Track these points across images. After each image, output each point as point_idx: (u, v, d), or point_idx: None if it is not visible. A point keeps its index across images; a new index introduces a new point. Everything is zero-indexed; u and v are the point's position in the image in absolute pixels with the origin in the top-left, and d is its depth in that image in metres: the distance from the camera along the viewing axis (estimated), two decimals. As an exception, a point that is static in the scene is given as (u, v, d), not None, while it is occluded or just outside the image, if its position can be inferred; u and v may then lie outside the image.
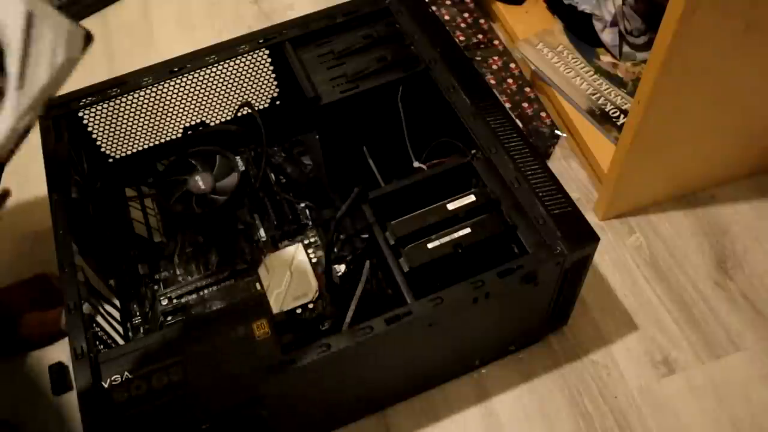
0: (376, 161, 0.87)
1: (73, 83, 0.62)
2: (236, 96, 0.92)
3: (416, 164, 0.84)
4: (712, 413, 0.79)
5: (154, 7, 1.32)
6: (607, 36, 1.05)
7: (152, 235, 0.91)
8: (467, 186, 0.76)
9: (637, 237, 0.94)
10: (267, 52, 0.88)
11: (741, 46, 0.75)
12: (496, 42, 1.13)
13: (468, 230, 0.71)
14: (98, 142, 0.88)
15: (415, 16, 0.86)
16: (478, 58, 1.10)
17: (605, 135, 0.99)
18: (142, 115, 0.88)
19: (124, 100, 0.85)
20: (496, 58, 1.11)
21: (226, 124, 0.94)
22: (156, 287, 0.86)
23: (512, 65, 1.10)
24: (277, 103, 0.95)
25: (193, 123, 0.92)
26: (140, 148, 0.92)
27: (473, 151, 0.76)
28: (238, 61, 0.87)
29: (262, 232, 0.90)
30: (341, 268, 0.83)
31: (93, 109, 0.84)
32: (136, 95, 0.85)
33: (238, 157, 0.94)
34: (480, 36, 1.14)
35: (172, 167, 0.89)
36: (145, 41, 1.26)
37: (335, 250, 0.85)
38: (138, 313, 0.85)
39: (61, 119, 0.82)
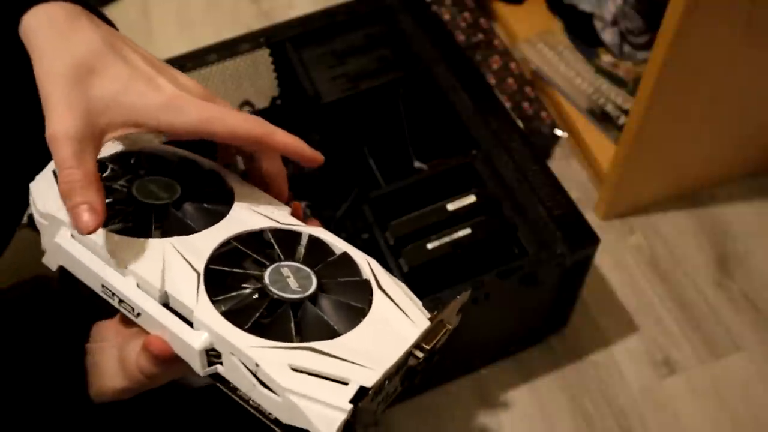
0: (377, 161, 0.87)
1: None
2: (237, 95, 0.91)
3: (417, 164, 0.84)
4: (713, 413, 0.79)
5: (154, 6, 1.32)
6: (608, 35, 1.05)
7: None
8: (467, 186, 0.76)
9: (638, 237, 0.94)
10: (268, 51, 0.88)
11: (741, 45, 0.75)
12: (496, 42, 1.13)
13: (468, 230, 0.71)
14: (98, 142, 0.88)
15: (416, 16, 0.86)
16: (478, 58, 1.10)
17: (605, 135, 0.99)
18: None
19: (123, 99, 0.85)
20: (496, 58, 1.11)
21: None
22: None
23: (512, 65, 1.09)
24: (278, 102, 0.95)
25: (193, 122, 0.92)
26: (140, 148, 0.92)
27: (473, 151, 0.76)
28: (238, 60, 0.87)
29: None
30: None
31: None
32: (136, 95, 0.85)
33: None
34: (480, 36, 1.14)
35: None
36: (144, 40, 1.26)
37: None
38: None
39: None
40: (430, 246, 0.70)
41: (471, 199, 0.73)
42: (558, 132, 1.03)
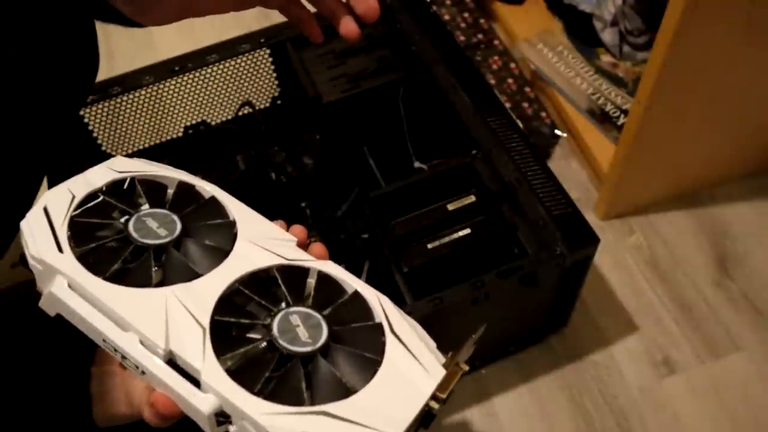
0: (377, 161, 0.87)
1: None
2: (237, 95, 0.92)
3: (417, 164, 0.84)
4: (712, 413, 0.79)
5: (155, 7, 1.32)
6: (608, 36, 1.05)
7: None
8: (467, 186, 0.76)
9: (638, 237, 0.94)
10: (268, 51, 0.88)
11: (741, 45, 0.75)
12: (496, 42, 1.13)
13: (468, 230, 0.71)
14: (99, 141, 0.88)
15: (416, 16, 0.86)
16: (478, 58, 1.10)
17: (605, 135, 0.99)
18: (143, 114, 0.88)
19: (124, 99, 0.85)
20: (496, 58, 1.11)
21: (227, 124, 0.94)
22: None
23: (512, 65, 1.10)
24: (278, 102, 0.95)
25: (193, 122, 0.92)
26: (141, 147, 0.92)
27: (473, 151, 0.76)
28: (238, 61, 0.87)
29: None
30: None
31: (94, 108, 0.84)
32: (136, 94, 0.85)
33: (238, 157, 0.94)
34: (480, 36, 1.14)
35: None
36: (145, 40, 1.26)
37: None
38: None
39: (61, 119, 0.82)
40: (430, 246, 0.70)
41: (471, 199, 0.73)
42: (558, 132, 1.03)
